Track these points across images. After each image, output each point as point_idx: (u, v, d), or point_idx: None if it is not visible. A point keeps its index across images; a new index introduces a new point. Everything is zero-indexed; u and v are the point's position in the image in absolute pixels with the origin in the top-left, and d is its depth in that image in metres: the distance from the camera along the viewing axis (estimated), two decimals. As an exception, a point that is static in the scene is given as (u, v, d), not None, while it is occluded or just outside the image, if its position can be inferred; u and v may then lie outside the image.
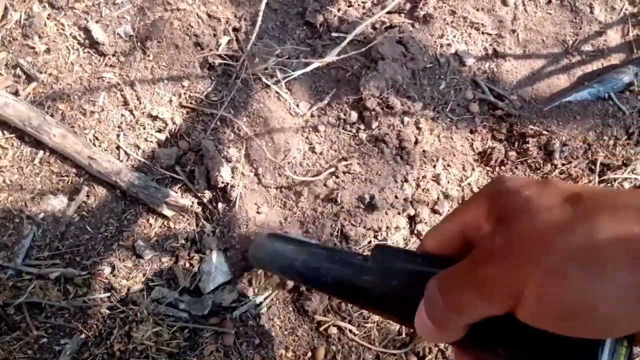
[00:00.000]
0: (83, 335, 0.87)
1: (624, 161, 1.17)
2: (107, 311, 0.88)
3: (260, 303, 0.95)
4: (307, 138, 1.11)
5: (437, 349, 0.98)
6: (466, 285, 0.39)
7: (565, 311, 0.34)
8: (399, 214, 1.07)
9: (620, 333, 0.35)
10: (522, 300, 0.35)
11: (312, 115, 1.15)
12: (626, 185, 1.16)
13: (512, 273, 0.35)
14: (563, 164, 1.15)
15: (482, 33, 1.30)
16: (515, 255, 0.36)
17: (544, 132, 1.17)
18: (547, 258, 0.34)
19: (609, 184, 1.16)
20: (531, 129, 1.17)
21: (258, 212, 1.02)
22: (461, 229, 0.45)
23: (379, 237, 1.05)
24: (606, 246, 0.32)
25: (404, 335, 0.99)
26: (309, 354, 0.97)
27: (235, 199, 1.01)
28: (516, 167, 1.16)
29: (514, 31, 1.31)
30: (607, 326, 0.33)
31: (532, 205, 0.38)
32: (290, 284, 0.97)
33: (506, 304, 0.36)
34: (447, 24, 1.27)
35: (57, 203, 0.97)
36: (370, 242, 1.04)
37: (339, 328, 0.99)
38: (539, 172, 1.15)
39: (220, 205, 1.01)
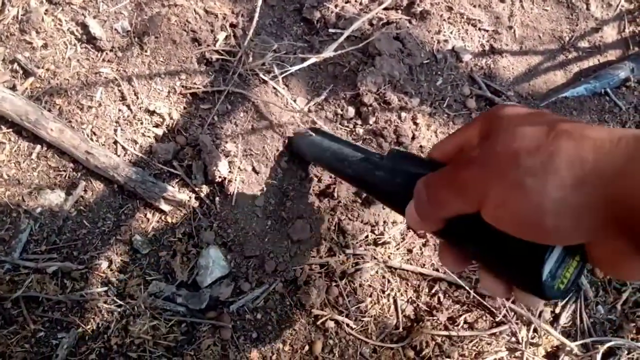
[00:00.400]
0: (80, 329, 0.87)
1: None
2: (105, 305, 0.88)
3: (258, 297, 0.96)
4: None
5: (434, 342, 0.99)
6: (445, 185, 0.47)
7: (519, 217, 0.40)
8: (396, 209, 1.07)
9: (563, 242, 0.42)
10: (486, 203, 0.42)
11: (309, 111, 1.15)
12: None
13: (481, 179, 0.43)
14: (560, 159, 1.15)
15: (479, 29, 1.30)
16: (488, 166, 0.43)
17: (541, 127, 1.17)
18: (511, 172, 0.40)
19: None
20: (528, 125, 1.17)
21: (256, 206, 1.03)
22: (460, 142, 0.53)
23: (376, 232, 1.05)
24: (561, 167, 0.38)
25: (401, 329, 0.99)
26: (307, 347, 0.97)
27: (233, 193, 1.01)
28: (513, 163, 1.16)
29: (510, 27, 1.31)
30: (553, 235, 0.39)
31: (513, 128, 0.43)
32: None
33: (474, 204, 0.43)
34: (444, 20, 1.27)
35: (55, 198, 0.97)
36: (367, 236, 1.05)
37: (336, 322, 0.99)
38: (535, 167, 1.15)
39: (217, 199, 1.01)
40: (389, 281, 1.03)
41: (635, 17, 1.38)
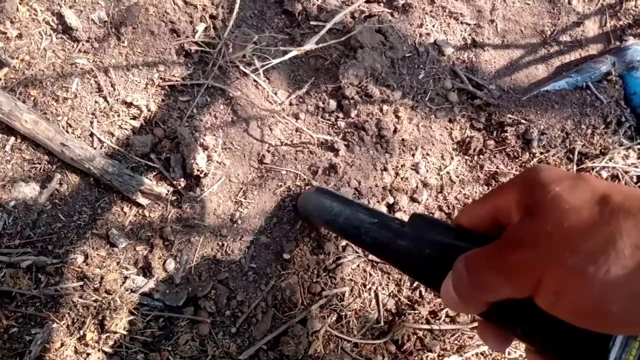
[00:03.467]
0: (55, 325, 0.85)
1: (602, 150, 1.18)
2: (80, 300, 0.86)
3: (237, 293, 0.94)
4: (286, 126, 1.10)
5: (415, 336, 0.98)
6: (492, 268, 0.43)
7: (580, 307, 0.36)
8: (378, 202, 1.06)
9: (631, 332, 0.38)
10: (541, 290, 0.38)
11: (290, 104, 1.14)
12: (603, 174, 1.17)
13: (536, 264, 0.38)
14: (541, 153, 1.15)
15: (461, 23, 1.29)
16: (541, 248, 0.39)
17: (522, 120, 1.17)
18: (570, 257, 0.36)
19: (586, 172, 1.16)
20: (509, 118, 1.17)
21: (236, 201, 1.01)
22: (493, 211, 0.48)
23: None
24: (624, 253, 0.35)
25: (382, 323, 0.98)
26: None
27: (212, 186, 1.00)
28: (494, 156, 1.16)
29: (492, 21, 1.31)
30: (618, 325, 0.36)
31: (561, 203, 0.40)
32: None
33: (527, 290, 0.39)
34: (426, 13, 1.26)
35: (29, 191, 0.95)
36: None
37: (319, 317, 0.98)
38: (517, 160, 1.15)
39: (195, 193, 1.00)
40: (370, 275, 1.02)
41: (616, 11, 1.39)
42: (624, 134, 1.21)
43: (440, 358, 0.91)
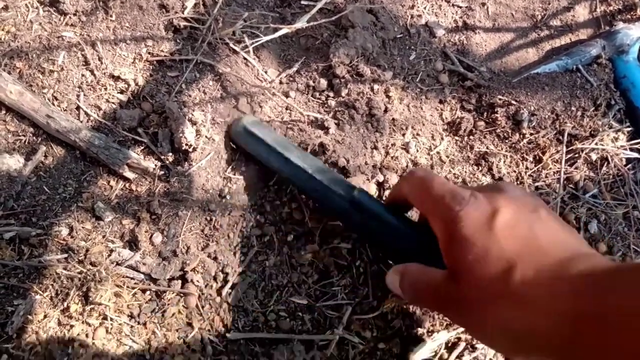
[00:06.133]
0: (38, 296, 0.83)
1: (592, 132, 1.18)
2: (64, 271, 0.84)
3: (226, 265, 0.93)
4: (276, 103, 1.09)
5: (403, 312, 0.97)
6: (425, 300, 0.72)
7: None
8: (368, 180, 1.05)
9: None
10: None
11: (280, 82, 1.13)
12: (593, 156, 1.17)
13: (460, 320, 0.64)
14: (531, 134, 1.15)
15: (452, 5, 1.29)
16: (466, 311, 0.58)
17: (513, 102, 1.17)
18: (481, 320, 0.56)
19: (576, 155, 1.16)
20: (500, 99, 1.17)
21: (224, 176, 1.00)
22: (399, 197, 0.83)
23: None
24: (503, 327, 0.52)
25: (371, 298, 0.97)
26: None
27: (200, 161, 0.98)
28: (485, 137, 1.16)
29: (483, 4, 1.31)
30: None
31: (477, 270, 0.56)
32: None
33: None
34: (418, -5, 1.26)
35: (13, 162, 0.93)
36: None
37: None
38: (507, 141, 1.15)
39: (183, 168, 0.98)
40: (360, 252, 1.01)
41: (606, -3, 1.40)
42: (614, 117, 1.21)
43: (430, 334, 0.91)
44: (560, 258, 0.51)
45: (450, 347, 0.94)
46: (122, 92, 1.02)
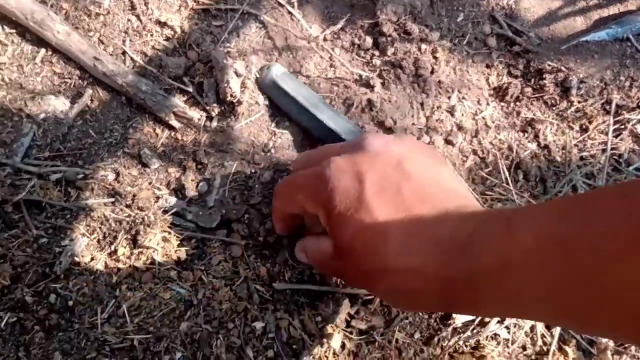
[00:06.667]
0: (85, 238, 0.82)
1: (639, 103, 1.15)
2: (112, 214, 0.83)
3: (269, 219, 0.92)
4: (321, 60, 1.06)
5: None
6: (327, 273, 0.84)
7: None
8: (413, 141, 1.03)
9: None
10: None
11: (324, 39, 1.10)
12: (639, 127, 1.14)
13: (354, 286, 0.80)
14: (579, 102, 1.13)
15: (502, -32, 1.26)
16: (354, 282, 0.73)
17: (562, 68, 1.14)
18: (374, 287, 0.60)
19: (622, 126, 1.14)
20: (549, 65, 1.14)
21: (269, 130, 0.98)
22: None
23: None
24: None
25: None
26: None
27: (245, 114, 0.97)
28: (532, 103, 1.13)
29: (533, -32, 1.28)
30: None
31: (357, 248, 0.57)
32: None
33: None
34: (467, -45, 1.22)
35: (59, 104, 0.91)
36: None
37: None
38: (554, 108, 1.13)
39: (228, 121, 0.97)
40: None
41: (657, -33, 1.35)
42: (663, 89, 1.18)
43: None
44: (429, 219, 0.52)
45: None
46: (168, 39, 1.00)
